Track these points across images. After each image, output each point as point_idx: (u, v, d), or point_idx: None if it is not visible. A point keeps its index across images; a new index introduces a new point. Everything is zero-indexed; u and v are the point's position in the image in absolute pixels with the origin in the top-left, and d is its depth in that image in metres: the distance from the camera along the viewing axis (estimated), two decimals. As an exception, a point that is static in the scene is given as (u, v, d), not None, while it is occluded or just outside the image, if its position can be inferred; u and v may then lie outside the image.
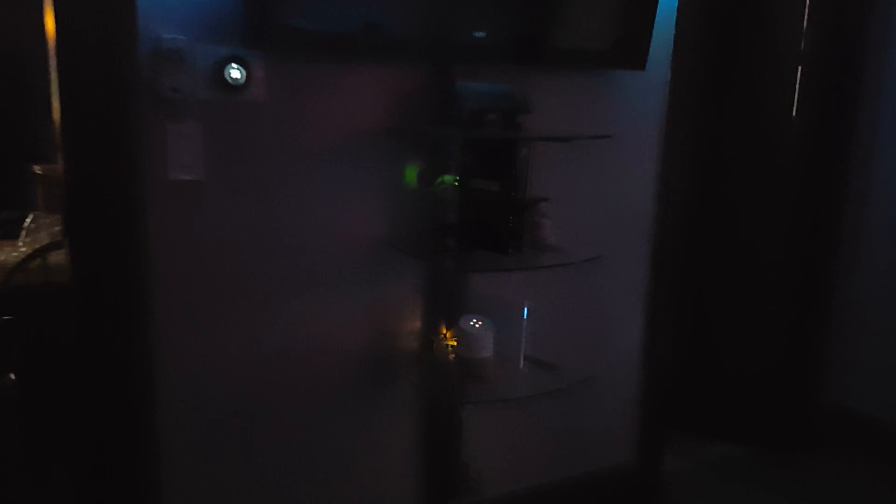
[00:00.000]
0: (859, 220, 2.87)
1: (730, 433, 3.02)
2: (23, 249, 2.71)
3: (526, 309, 1.94)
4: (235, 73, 1.64)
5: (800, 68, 2.84)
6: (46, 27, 1.63)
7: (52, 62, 1.60)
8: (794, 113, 2.87)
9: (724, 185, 2.94)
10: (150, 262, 1.65)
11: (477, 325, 1.86)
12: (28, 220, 2.85)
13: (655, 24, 2.09)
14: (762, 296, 2.93)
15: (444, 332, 1.94)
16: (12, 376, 2.58)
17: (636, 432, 2.53)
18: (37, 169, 3.08)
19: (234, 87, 1.65)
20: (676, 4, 2.26)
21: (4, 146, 3.76)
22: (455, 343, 1.90)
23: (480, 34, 1.85)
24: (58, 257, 2.50)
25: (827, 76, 2.83)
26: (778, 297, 2.90)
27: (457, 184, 1.83)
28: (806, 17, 2.82)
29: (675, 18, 2.27)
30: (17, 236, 2.96)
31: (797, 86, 2.86)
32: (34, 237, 2.78)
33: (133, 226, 1.63)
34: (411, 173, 1.87)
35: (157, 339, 1.68)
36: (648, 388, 2.52)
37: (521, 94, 1.83)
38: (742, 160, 2.92)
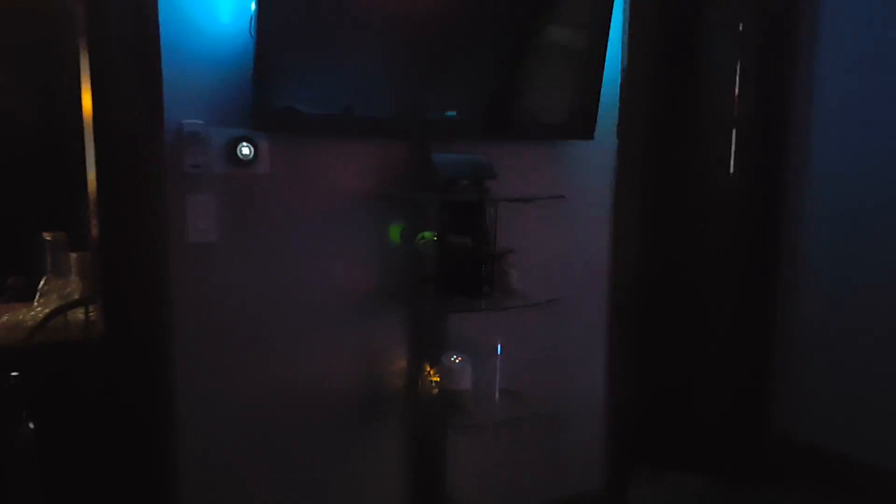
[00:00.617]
0: (795, 263, 3.19)
1: (691, 465, 3.26)
2: (38, 309, 2.95)
3: (499, 346, 2.21)
4: (245, 150, 1.94)
5: (734, 130, 3.21)
6: (84, 109, 1.92)
7: (89, 140, 1.89)
8: (731, 170, 3.22)
9: (672, 235, 3.26)
10: (171, 314, 1.91)
11: (457, 362, 2.13)
12: (42, 282, 3.09)
13: (602, 98, 2.44)
14: (711, 333, 3.23)
15: (428, 368, 2.21)
16: (31, 425, 2.79)
17: (603, 462, 2.78)
18: (46, 236, 3.33)
19: (245, 162, 1.94)
20: (620, 80, 2.61)
21: (15, 215, 4.02)
22: (438, 378, 2.17)
23: (452, 113, 2.18)
24: (74, 315, 2.75)
25: (758, 136, 3.19)
26: (725, 335, 3.21)
27: (435, 239, 2.12)
28: (737, 85, 3.20)
29: (619, 92, 2.62)
30: (27, 299, 3.20)
31: (732, 146, 3.22)
32: (47, 298, 3.02)
33: (157, 282, 1.90)
34: (395, 231, 2.17)
35: (176, 382, 1.93)
36: (613, 421, 2.78)
37: (487, 163, 2.14)
38: (687, 212, 3.26)
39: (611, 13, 2.37)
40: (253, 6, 1.82)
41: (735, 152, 3.21)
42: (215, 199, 1.93)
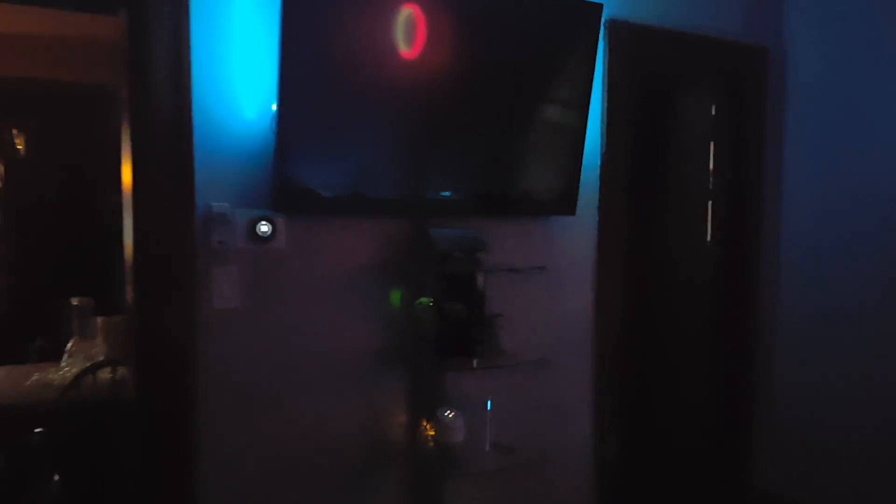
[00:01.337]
0: (772, 325, 3.42)
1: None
2: (66, 369, 3.19)
3: (489, 402, 2.44)
4: (264, 227, 2.21)
5: (710, 203, 3.49)
6: (123, 185, 2.19)
7: (127, 213, 2.15)
8: (708, 238, 3.49)
9: (652, 298, 3.52)
10: (198, 374, 2.15)
11: (451, 416, 2.36)
12: (70, 344, 3.34)
13: (584, 174, 2.72)
14: (690, 393, 3.44)
15: (425, 423, 2.43)
16: (56, 477, 3.00)
17: (590, 511, 2.98)
18: (74, 301, 3.59)
19: (263, 238, 2.21)
20: (600, 159, 2.89)
21: (44, 283, 4.30)
22: (433, 432, 2.39)
23: (447, 194, 2.46)
24: (102, 375, 2.99)
25: (732, 208, 3.46)
26: (704, 395, 3.42)
27: (431, 305, 2.38)
28: (711, 162, 3.49)
29: (599, 170, 2.90)
30: (53, 359, 3.45)
31: (709, 217, 3.49)
32: (74, 359, 3.27)
33: (185, 343, 2.14)
34: (396, 297, 2.42)
35: (203, 430, 2.16)
36: (599, 473, 2.98)
37: (478, 237, 2.42)
38: (666, 277, 3.52)
39: (590, 92, 2.66)
40: (273, 106, 2.11)
41: (711, 223, 3.49)
42: (238, 271, 2.19)
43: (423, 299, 2.40)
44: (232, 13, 2.15)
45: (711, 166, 3.49)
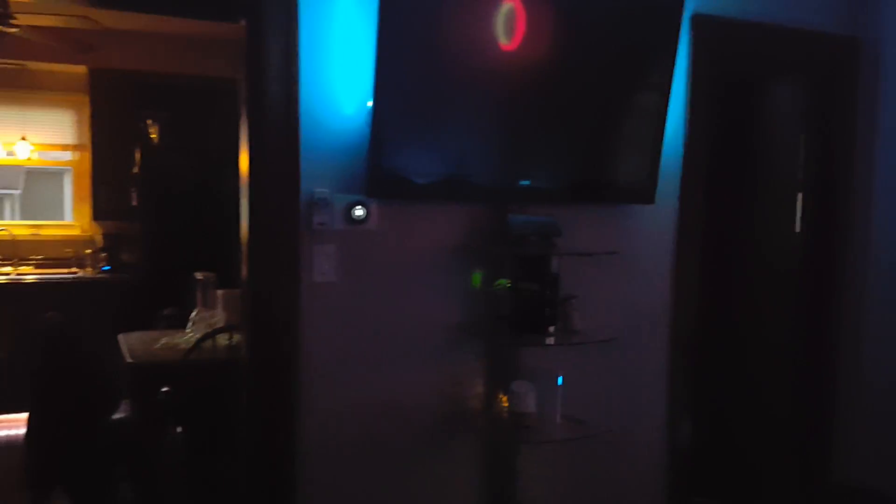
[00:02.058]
0: (858, 313, 3.40)
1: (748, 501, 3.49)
2: (190, 334, 3.60)
3: (560, 377, 2.62)
4: (359, 211, 2.47)
5: (799, 194, 3.50)
6: (241, 171, 2.50)
7: (244, 196, 2.47)
8: (796, 229, 3.50)
9: (733, 288, 3.56)
10: (300, 339, 2.45)
11: (524, 388, 2.56)
12: (193, 313, 3.75)
13: (663, 167, 2.85)
14: (769, 378, 3.48)
15: (501, 394, 2.65)
16: (179, 429, 3.40)
17: (661, 493, 3.10)
18: (197, 275, 4.01)
19: (358, 221, 2.48)
20: (682, 148, 2.99)
21: (173, 259, 4.79)
22: (508, 402, 2.60)
23: (526, 182, 2.66)
24: (220, 340, 3.36)
25: (822, 200, 3.46)
26: (783, 382, 3.45)
27: (509, 285, 2.58)
28: (803, 152, 3.50)
29: (680, 159, 3.00)
30: (180, 327, 3.88)
31: (798, 208, 3.50)
32: (197, 326, 3.67)
33: (290, 313, 2.44)
34: (476, 278, 2.64)
35: (302, 389, 2.46)
36: (670, 454, 3.10)
37: (554, 223, 2.59)
38: (749, 267, 3.55)
39: (671, 83, 2.77)
40: (369, 103, 2.37)
41: (801, 214, 3.50)
42: (335, 249, 2.47)
43: (501, 280, 2.61)
44: (334, 20, 2.42)
45: (802, 158, 3.50)
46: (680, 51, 2.83)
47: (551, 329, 2.54)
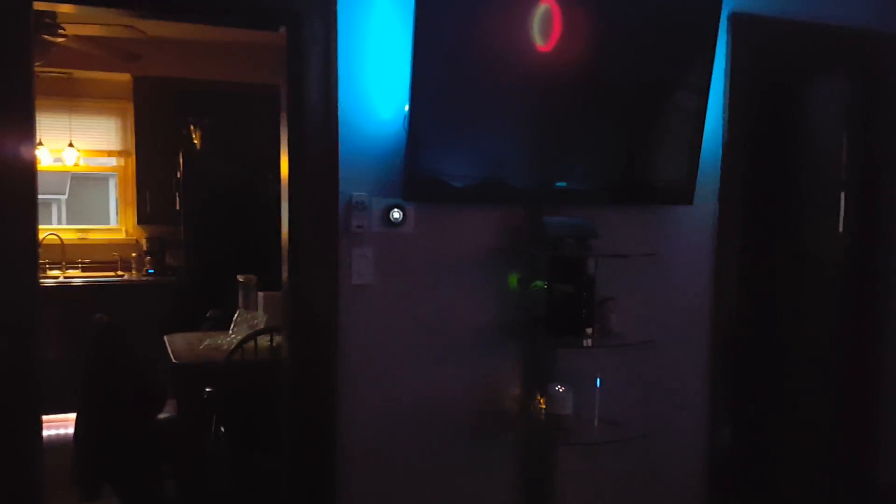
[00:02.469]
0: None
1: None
2: (232, 336, 3.67)
3: (598, 379, 2.62)
4: (396, 214, 2.51)
5: (842, 193, 3.44)
6: (282, 176, 2.55)
7: (284, 200, 2.52)
8: (839, 229, 3.45)
9: (775, 289, 3.51)
10: (338, 340, 2.49)
11: (561, 390, 2.56)
12: (235, 315, 3.83)
13: (701, 168, 2.83)
14: (812, 380, 3.42)
15: (538, 396, 2.65)
16: (222, 429, 3.48)
17: (701, 496, 3.07)
18: (240, 278, 4.09)
19: (395, 224, 2.51)
20: (721, 152, 2.97)
21: (216, 261, 4.89)
22: (545, 404, 2.61)
23: (562, 184, 2.66)
24: (261, 341, 3.43)
25: (866, 198, 3.40)
26: (827, 383, 3.39)
27: (545, 287, 2.59)
28: (845, 151, 3.45)
29: (719, 159, 2.98)
30: (223, 328, 3.95)
31: (841, 207, 3.45)
32: (239, 328, 3.75)
33: (329, 314, 2.48)
34: (513, 279, 2.66)
35: (341, 389, 2.49)
36: (711, 457, 3.07)
37: (590, 224, 2.60)
38: (790, 267, 3.50)
39: (709, 83, 2.76)
40: (406, 108, 2.40)
41: (844, 213, 3.44)
42: (373, 252, 2.51)
43: (538, 282, 2.62)
44: (370, 26, 2.46)
45: (844, 156, 3.45)
46: (718, 50, 2.81)
47: (588, 331, 2.54)
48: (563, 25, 2.51)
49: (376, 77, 2.47)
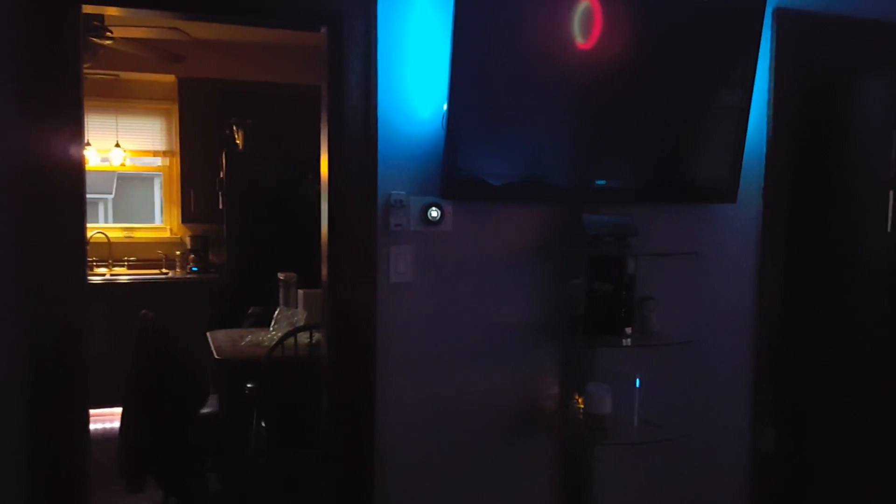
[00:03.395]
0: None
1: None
2: (273, 333, 3.73)
3: (638, 380, 2.59)
4: (434, 213, 2.51)
5: (891, 192, 3.35)
6: (321, 175, 2.58)
7: (324, 199, 2.54)
8: (888, 229, 3.35)
9: (821, 289, 3.42)
10: (376, 336, 2.51)
11: (599, 390, 2.54)
12: (276, 312, 3.88)
13: (744, 166, 2.78)
14: (861, 384, 3.33)
15: (576, 395, 2.64)
16: (263, 424, 3.53)
17: (742, 501, 3.02)
18: (280, 275, 4.15)
19: (433, 222, 2.52)
20: (765, 149, 2.92)
21: (258, 261, 4.96)
22: (583, 404, 2.59)
23: (602, 182, 2.64)
24: (301, 338, 3.47)
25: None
26: (877, 388, 3.30)
27: (584, 286, 2.57)
28: (895, 149, 3.35)
29: (763, 159, 2.93)
30: (266, 325, 4.01)
31: (890, 206, 3.35)
32: (280, 325, 3.80)
33: (368, 312, 2.50)
34: (551, 278, 2.64)
35: (379, 386, 2.51)
36: (753, 461, 3.01)
37: (629, 223, 2.57)
38: (837, 267, 3.41)
39: (754, 80, 2.72)
40: (445, 106, 2.40)
41: (893, 212, 3.35)
42: (411, 250, 2.52)
43: (576, 281, 2.60)
44: (409, 25, 2.47)
45: (894, 154, 3.35)
46: (763, 46, 2.77)
47: (628, 330, 2.52)
48: (603, 23, 2.49)
49: (415, 76, 2.48)
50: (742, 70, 2.72)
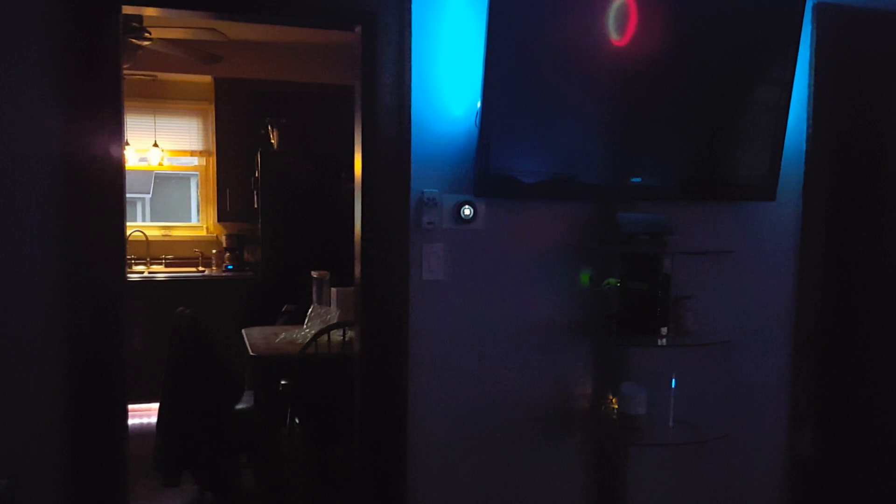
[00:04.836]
0: None
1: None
2: (307, 331, 3.76)
3: (673, 380, 2.56)
4: (467, 211, 2.51)
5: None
6: (356, 174, 2.59)
7: (357, 197, 2.55)
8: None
9: (863, 291, 3.34)
10: (409, 334, 2.51)
11: (633, 390, 2.52)
12: (310, 310, 3.91)
13: (784, 164, 2.73)
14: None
15: (610, 395, 2.62)
16: (297, 420, 3.56)
17: (779, 501, 2.97)
18: (314, 273, 4.18)
19: (466, 220, 2.51)
20: (805, 147, 2.86)
21: (292, 259, 5.01)
22: (617, 404, 2.57)
23: (637, 179, 2.62)
24: (334, 335, 3.49)
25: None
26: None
27: (618, 284, 2.55)
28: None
29: (804, 157, 2.87)
30: (298, 322, 4.05)
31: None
32: (313, 322, 3.83)
33: (400, 310, 2.51)
34: (585, 276, 2.63)
35: (410, 384, 2.52)
36: (791, 465, 2.96)
37: (665, 220, 2.54)
38: (881, 269, 3.33)
39: (793, 76, 2.68)
40: (478, 104, 2.40)
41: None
42: (444, 248, 2.52)
43: (610, 279, 2.58)
44: (443, 24, 2.47)
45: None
46: (802, 42, 2.71)
47: (663, 330, 2.49)
48: (638, 20, 2.46)
49: (448, 74, 2.48)
50: (781, 66, 2.68)
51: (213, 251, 6.10)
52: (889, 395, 3.31)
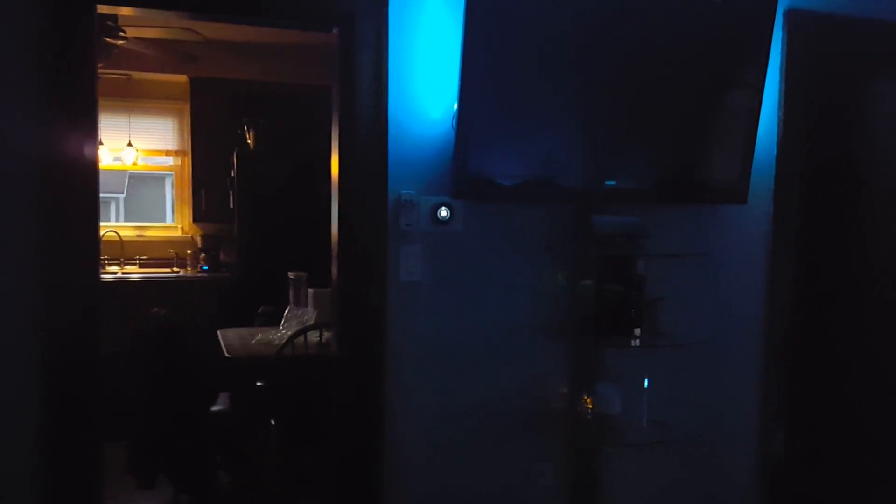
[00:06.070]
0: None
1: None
2: (283, 332, 3.75)
3: (646, 380, 2.60)
4: (444, 212, 2.52)
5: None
6: (332, 175, 2.59)
7: (334, 199, 2.56)
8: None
9: (834, 293, 3.40)
10: (386, 335, 2.52)
11: (608, 390, 2.55)
12: (287, 311, 3.90)
13: (755, 168, 2.78)
14: (873, 389, 3.31)
15: (585, 396, 2.64)
16: (273, 422, 3.55)
17: (752, 501, 3.01)
18: (290, 275, 4.17)
19: (443, 221, 2.53)
20: (775, 151, 2.91)
21: (268, 260, 4.98)
22: (591, 404, 2.59)
23: (611, 182, 2.64)
24: (311, 337, 3.49)
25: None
26: (889, 391, 3.29)
27: (594, 286, 2.57)
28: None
29: (774, 161, 2.92)
30: (275, 323, 4.03)
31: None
32: (290, 323, 3.82)
33: (378, 311, 2.51)
34: (561, 278, 2.65)
35: (388, 385, 2.52)
36: (763, 464, 3.00)
37: (639, 223, 2.57)
38: (852, 272, 3.39)
39: (764, 80, 2.71)
40: (455, 106, 2.41)
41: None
42: (421, 250, 2.53)
43: (586, 281, 2.60)
44: (420, 26, 2.48)
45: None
46: (773, 47, 2.76)
47: (637, 331, 2.52)
48: (614, 23, 2.49)
49: (426, 76, 2.49)
50: (753, 71, 2.72)
51: (188, 252, 6.06)
52: (859, 395, 3.38)
